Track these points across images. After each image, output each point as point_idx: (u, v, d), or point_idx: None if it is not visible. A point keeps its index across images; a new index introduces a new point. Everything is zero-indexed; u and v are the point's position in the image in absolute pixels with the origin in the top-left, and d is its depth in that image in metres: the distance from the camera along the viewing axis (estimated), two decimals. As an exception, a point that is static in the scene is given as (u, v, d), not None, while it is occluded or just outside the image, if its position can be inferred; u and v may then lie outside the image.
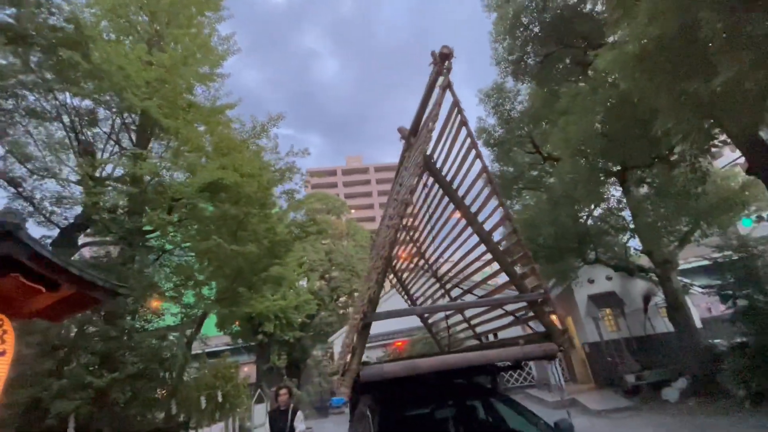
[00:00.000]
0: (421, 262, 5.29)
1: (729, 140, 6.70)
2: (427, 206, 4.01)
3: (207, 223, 7.95)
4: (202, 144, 7.45)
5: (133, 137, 9.49)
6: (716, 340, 10.74)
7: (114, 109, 9.20)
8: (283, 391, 4.98)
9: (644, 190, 11.21)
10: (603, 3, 8.83)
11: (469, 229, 4.13)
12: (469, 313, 4.86)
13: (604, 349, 11.68)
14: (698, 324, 11.51)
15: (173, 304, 8.36)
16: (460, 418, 3.54)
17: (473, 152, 3.10)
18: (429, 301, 5.59)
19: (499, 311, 4.17)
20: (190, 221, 8.15)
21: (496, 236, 3.53)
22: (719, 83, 3.19)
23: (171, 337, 7.37)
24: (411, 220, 4.71)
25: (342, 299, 24.51)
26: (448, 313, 5.28)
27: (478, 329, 4.65)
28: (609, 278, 12.72)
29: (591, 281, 12.94)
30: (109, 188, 8.33)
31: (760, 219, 10.28)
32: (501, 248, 3.39)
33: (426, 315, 6.07)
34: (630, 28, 3.96)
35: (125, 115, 9.16)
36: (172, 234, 8.51)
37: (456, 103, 3.03)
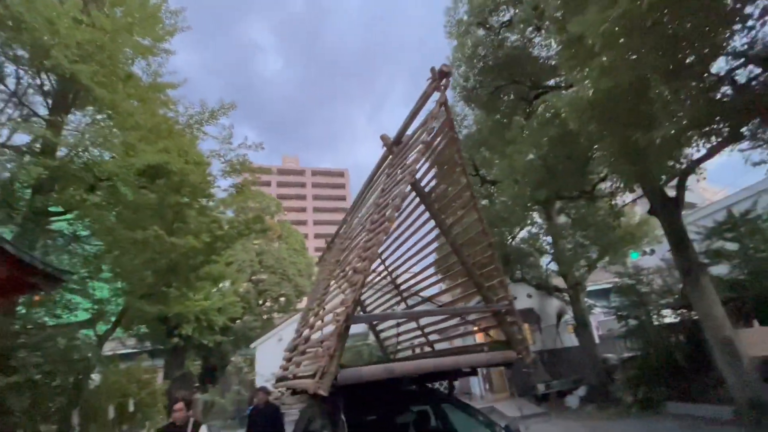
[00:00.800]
0: (380, 268, 5.36)
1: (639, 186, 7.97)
2: (398, 214, 4.08)
3: (136, 210, 7.10)
4: (141, 122, 6.68)
5: (49, 102, 8.21)
6: (609, 355, 12.45)
7: (26, 68, 7.90)
8: (178, 405, 4.66)
9: (563, 219, 12.71)
10: (548, 49, 9.97)
11: (433, 242, 4.35)
12: (423, 321, 5.05)
13: (521, 361, 12.79)
14: (597, 340, 13.18)
15: (84, 299, 7.27)
16: (420, 423, 3.65)
17: (458, 169, 3.30)
18: (380, 309, 5.66)
19: (456, 320, 4.40)
20: (115, 205, 7.22)
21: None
22: (659, 136, 3.87)
23: (80, 335, 6.36)
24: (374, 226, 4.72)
25: (268, 303, 23.42)
26: (400, 320, 5.41)
27: (433, 336, 4.84)
28: (529, 296, 14.01)
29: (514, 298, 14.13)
30: (5, 157, 7.07)
31: (644, 253, 12.25)
32: (471, 261, 3.61)
33: (376, 322, 6.11)
34: (584, 77, 4.59)
35: (43, 76, 7.90)
36: (88, 220, 7.44)
37: (450, 121, 3.21)
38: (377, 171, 4.42)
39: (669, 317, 9.80)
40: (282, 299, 22.47)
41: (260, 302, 21.46)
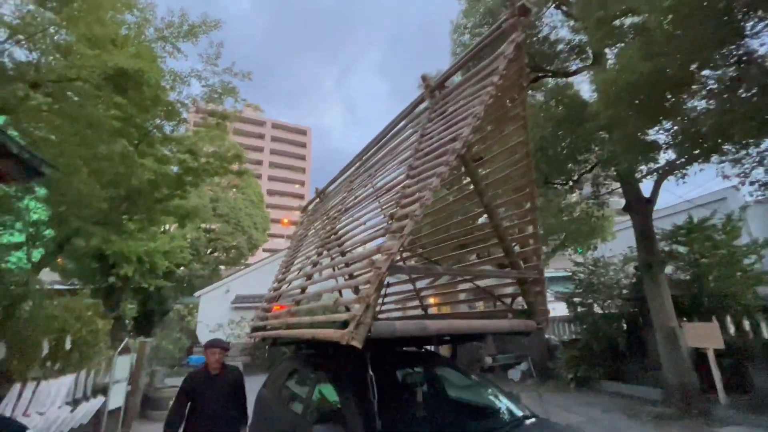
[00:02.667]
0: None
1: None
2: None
3: (93, 125, 6.00)
4: (114, 21, 5.52)
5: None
6: (551, 336, 13.45)
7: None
8: (214, 350, 3.93)
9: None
10: (557, 32, 9.81)
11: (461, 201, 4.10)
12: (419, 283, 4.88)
13: (540, 331, 13.45)
14: (541, 321, 14.11)
15: (15, 219, 6.17)
16: (427, 385, 3.51)
17: (519, 122, 3.02)
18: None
19: (454, 287, 4.25)
20: (66, 116, 6.05)
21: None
22: (707, 124, 3.89)
23: (12, 259, 5.37)
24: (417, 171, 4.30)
25: (217, 254, 22.25)
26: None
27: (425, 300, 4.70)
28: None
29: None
30: None
31: (588, 249, 13.16)
32: (507, 225, 3.42)
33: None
34: (622, 59, 4.47)
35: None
36: (27, 126, 6.18)
37: (522, 66, 2.89)
38: (397, 121, 4.02)
39: (613, 307, 10.66)
40: (233, 251, 21.42)
41: (209, 251, 20.27)
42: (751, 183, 7.53)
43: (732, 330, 7.83)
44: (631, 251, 10.07)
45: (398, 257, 5.01)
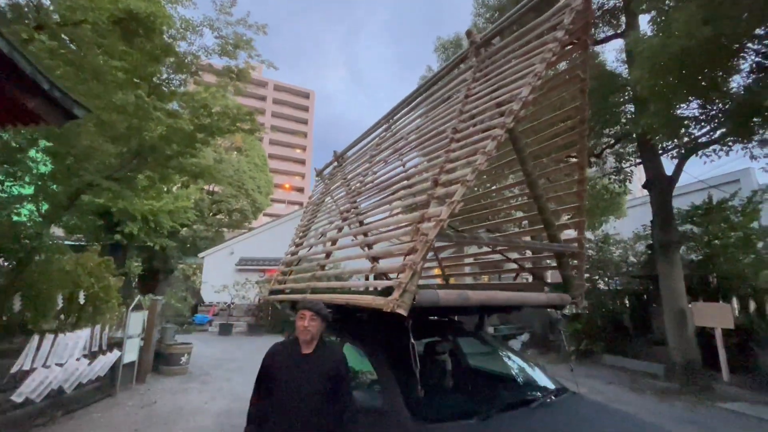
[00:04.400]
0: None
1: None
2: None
3: (98, 74, 5.65)
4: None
5: None
6: (551, 310, 13.68)
7: None
8: (307, 314, 3.80)
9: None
10: None
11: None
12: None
13: (574, 306, 13.63)
14: (543, 295, 14.28)
15: (21, 170, 5.97)
16: (458, 355, 3.49)
17: (578, 84, 2.78)
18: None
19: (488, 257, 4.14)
20: (71, 64, 5.68)
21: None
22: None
23: (24, 212, 5.23)
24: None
25: (220, 216, 22.18)
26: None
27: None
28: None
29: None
30: None
31: (597, 225, 13.07)
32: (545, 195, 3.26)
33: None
34: (675, 24, 4.12)
35: None
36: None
37: (589, 21, 2.62)
38: (433, 81, 3.75)
39: (619, 284, 10.73)
40: (237, 214, 21.33)
41: (212, 213, 20.17)
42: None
43: (737, 311, 7.90)
44: (645, 229, 9.98)
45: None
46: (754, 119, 6.22)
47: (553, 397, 2.77)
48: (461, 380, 3.07)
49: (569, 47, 2.76)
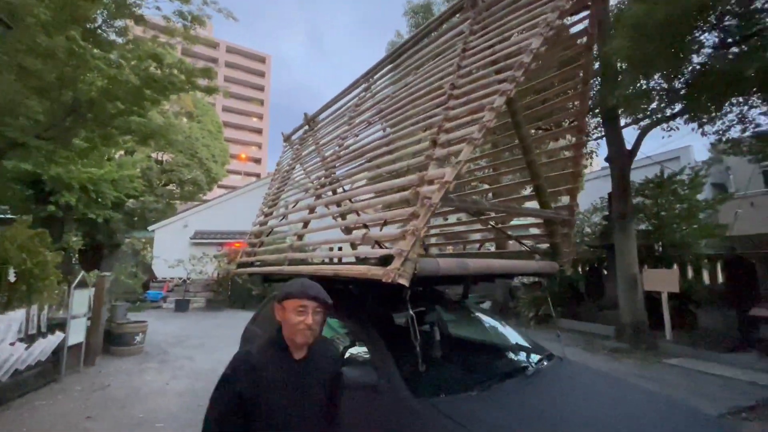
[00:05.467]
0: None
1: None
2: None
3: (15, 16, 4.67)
4: None
5: None
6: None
7: None
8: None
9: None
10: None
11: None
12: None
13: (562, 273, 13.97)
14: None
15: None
16: (446, 325, 3.40)
17: (583, 49, 2.61)
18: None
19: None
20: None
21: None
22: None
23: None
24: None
25: (171, 187, 20.61)
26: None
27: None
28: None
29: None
30: None
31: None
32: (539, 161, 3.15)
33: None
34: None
35: None
36: None
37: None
38: (421, 36, 3.44)
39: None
40: (190, 186, 19.91)
41: (163, 183, 18.68)
42: (726, 141, 7.84)
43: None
44: (602, 202, 10.51)
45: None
46: (708, 94, 6.57)
47: (545, 364, 2.76)
48: (454, 352, 2.99)
49: (577, -1, 2.57)
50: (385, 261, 2.25)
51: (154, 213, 17.85)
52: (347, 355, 2.96)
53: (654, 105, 7.12)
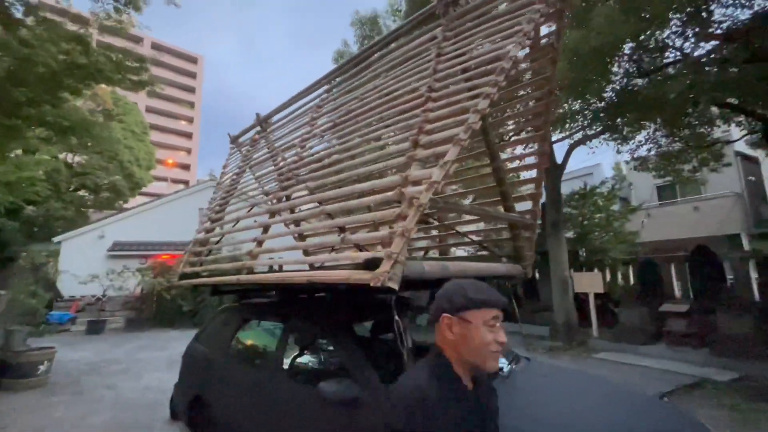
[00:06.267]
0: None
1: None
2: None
3: None
4: None
5: None
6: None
7: None
8: None
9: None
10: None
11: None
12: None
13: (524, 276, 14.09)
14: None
15: None
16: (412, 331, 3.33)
17: (549, 55, 2.78)
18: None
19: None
20: None
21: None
22: (673, 90, 4.26)
23: None
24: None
25: (83, 192, 18.14)
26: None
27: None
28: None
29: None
30: None
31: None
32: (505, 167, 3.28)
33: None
34: (597, 20, 4.56)
35: None
36: None
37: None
38: (388, 41, 3.46)
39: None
40: (106, 192, 17.70)
41: (74, 187, 16.41)
42: (636, 159, 8.98)
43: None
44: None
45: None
46: (619, 119, 7.51)
47: (516, 365, 2.83)
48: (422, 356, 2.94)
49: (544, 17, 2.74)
50: (369, 265, 2.13)
51: (62, 222, 15.53)
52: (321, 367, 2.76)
53: (579, 125, 7.95)
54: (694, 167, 8.38)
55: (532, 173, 3.39)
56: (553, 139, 9.20)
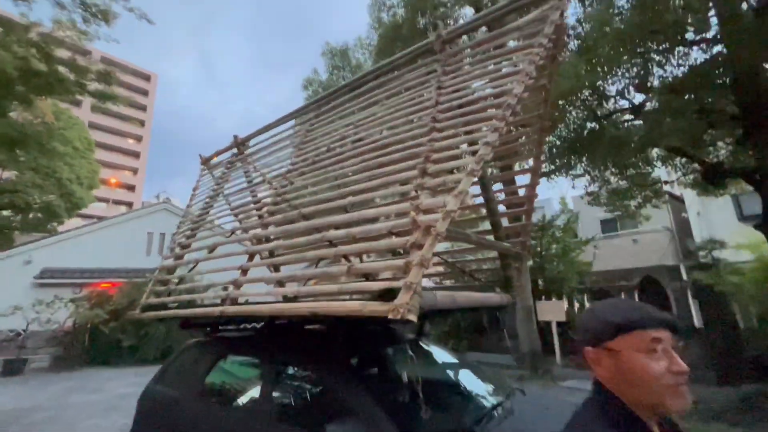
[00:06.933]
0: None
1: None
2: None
3: None
4: None
5: None
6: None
7: None
8: None
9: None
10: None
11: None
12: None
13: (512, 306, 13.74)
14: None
15: None
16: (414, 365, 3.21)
17: (543, 93, 2.95)
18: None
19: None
20: None
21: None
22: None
23: None
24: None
25: (7, 213, 16.12)
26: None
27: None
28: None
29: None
30: None
31: None
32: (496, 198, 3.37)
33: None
34: (564, 66, 5.02)
35: None
36: None
37: (561, 39, 2.81)
38: (384, 71, 3.54)
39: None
40: (37, 213, 15.89)
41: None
42: (589, 194, 9.70)
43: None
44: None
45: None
46: (572, 156, 8.18)
47: (514, 399, 2.79)
48: (428, 393, 2.82)
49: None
50: (383, 295, 2.04)
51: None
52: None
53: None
54: (638, 203, 9.21)
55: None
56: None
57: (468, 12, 10.13)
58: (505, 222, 3.65)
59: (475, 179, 2.24)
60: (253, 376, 3.02)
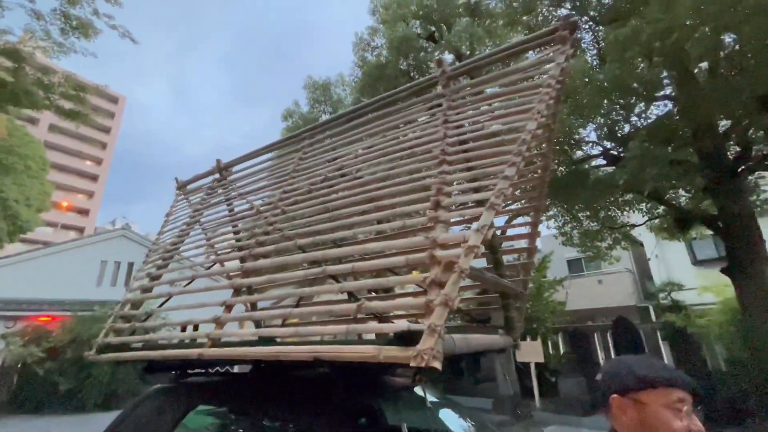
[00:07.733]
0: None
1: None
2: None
3: None
4: None
5: None
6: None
7: None
8: None
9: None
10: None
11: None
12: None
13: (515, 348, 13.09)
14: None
15: None
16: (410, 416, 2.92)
17: (546, 134, 2.98)
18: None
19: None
20: None
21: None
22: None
23: None
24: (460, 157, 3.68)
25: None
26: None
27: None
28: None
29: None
30: None
31: None
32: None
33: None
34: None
35: None
36: None
37: (565, 82, 2.89)
38: (383, 104, 3.51)
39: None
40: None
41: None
42: (563, 234, 9.99)
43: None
44: (464, 280, 11.78)
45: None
46: (548, 200, 8.50)
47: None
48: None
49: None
50: (403, 339, 1.82)
51: None
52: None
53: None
54: (608, 245, 9.58)
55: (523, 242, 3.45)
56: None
57: (448, 58, 10.66)
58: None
59: (495, 213, 2.13)
60: (231, 429, 2.61)
